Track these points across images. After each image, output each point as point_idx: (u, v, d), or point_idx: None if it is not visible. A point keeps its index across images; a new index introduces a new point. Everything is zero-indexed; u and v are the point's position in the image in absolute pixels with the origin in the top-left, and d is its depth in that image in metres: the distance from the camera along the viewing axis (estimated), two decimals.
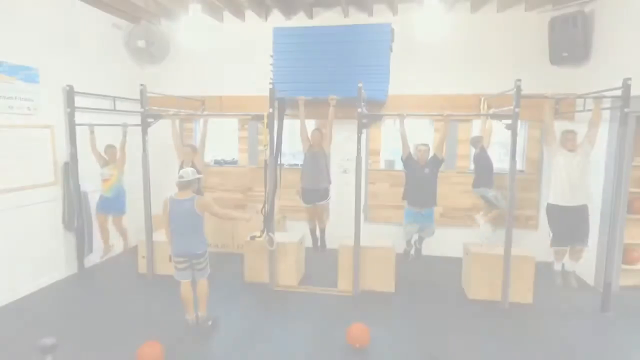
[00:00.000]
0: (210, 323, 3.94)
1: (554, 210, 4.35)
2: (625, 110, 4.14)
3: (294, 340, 3.87)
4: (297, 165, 6.52)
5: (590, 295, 4.80)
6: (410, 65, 6.02)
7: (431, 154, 4.75)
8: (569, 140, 4.20)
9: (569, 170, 4.20)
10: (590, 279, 5.21)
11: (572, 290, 4.74)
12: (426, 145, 4.76)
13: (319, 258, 5.59)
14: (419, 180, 4.70)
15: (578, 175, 4.18)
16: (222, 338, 3.85)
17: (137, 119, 5.17)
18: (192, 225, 3.81)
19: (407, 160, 4.75)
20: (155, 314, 4.31)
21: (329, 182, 5.13)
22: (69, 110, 5.18)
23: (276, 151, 4.86)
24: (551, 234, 4.44)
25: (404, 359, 3.51)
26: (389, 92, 5.75)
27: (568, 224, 4.33)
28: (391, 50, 5.73)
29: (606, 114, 4.88)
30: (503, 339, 3.87)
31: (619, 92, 4.19)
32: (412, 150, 4.82)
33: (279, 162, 4.92)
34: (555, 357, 3.58)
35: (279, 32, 5.81)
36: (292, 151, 6.67)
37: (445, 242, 6.12)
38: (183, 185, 3.80)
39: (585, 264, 5.27)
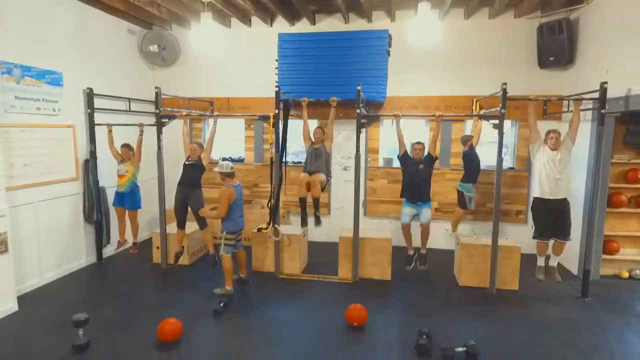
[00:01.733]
0: (222, 305, 4.33)
1: (538, 204, 4.69)
2: (602, 111, 4.52)
3: (297, 320, 4.26)
4: (299, 163, 6.92)
5: (573, 283, 5.17)
6: (407, 69, 6.40)
7: (426, 152, 5.12)
8: (552, 139, 4.56)
9: (552, 166, 4.56)
10: (574, 269, 5.58)
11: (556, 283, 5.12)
12: (421, 143, 5.13)
13: (322, 247, 5.98)
14: (415, 176, 5.07)
15: (560, 171, 4.53)
16: (232, 318, 4.24)
17: (150, 119, 5.55)
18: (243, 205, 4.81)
19: (404, 157, 5.13)
20: (171, 298, 4.71)
21: (328, 175, 5.43)
22: (89, 111, 5.59)
23: (281, 149, 5.24)
24: (534, 227, 4.79)
25: (397, 336, 3.89)
26: (387, 93, 6.14)
27: (550, 218, 4.64)
28: (389, 55, 6.12)
29: (589, 115, 5.26)
30: (489, 319, 4.25)
31: (597, 95, 4.57)
32: (408, 148, 5.19)
33: (283, 160, 5.30)
34: (535, 333, 3.96)
35: (283, 38, 6.20)
36: (295, 150, 7.04)
37: (439, 235, 6.52)
38: (233, 174, 4.68)
39: (570, 255, 5.66)
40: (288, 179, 6.27)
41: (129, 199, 5.70)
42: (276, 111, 5.17)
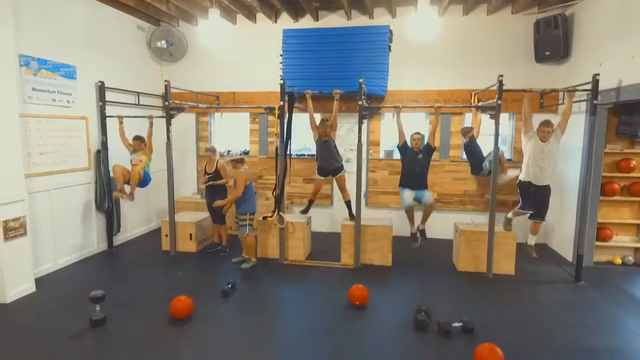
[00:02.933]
0: (230, 286, 4.53)
1: (523, 185, 5.00)
2: (595, 102, 4.72)
3: (302, 300, 4.47)
4: (303, 155, 7.13)
5: (568, 269, 5.36)
6: (407, 63, 6.60)
7: (424, 142, 5.32)
8: (543, 132, 4.76)
9: (541, 156, 4.77)
10: (569, 256, 5.76)
11: (551, 264, 5.32)
12: (420, 134, 5.34)
13: (324, 237, 6.19)
14: (413, 165, 5.29)
15: (546, 160, 4.78)
16: (239, 299, 4.45)
17: (158, 112, 5.76)
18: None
19: (403, 147, 5.34)
20: (180, 280, 4.92)
21: (341, 160, 5.76)
22: (100, 103, 5.80)
23: (286, 140, 5.45)
24: (521, 201, 5.07)
25: (397, 314, 4.09)
26: (388, 87, 6.34)
27: (533, 198, 5.00)
28: (390, 50, 6.33)
29: (583, 106, 5.45)
30: (485, 300, 4.45)
31: (589, 87, 4.77)
32: (407, 139, 5.39)
33: (288, 151, 5.52)
34: (528, 312, 4.15)
35: (288, 33, 6.42)
36: (299, 147, 7.23)
37: (438, 225, 6.70)
38: (242, 160, 5.24)
39: (565, 242, 5.86)
40: (292, 171, 6.47)
41: (141, 186, 5.91)
42: (281, 103, 5.37)
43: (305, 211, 6.03)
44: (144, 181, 5.86)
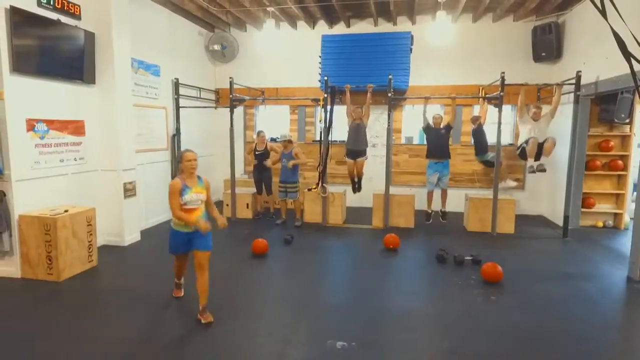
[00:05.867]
0: (290, 237, 5.82)
1: (521, 144, 6.20)
2: (577, 93, 5.95)
3: (346, 248, 5.76)
4: (335, 141, 8.39)
5: (559, 231, 6.57)
6: (425, 62, 7.85)
7: (445, 122, 6.61)
8: (534, 113, 6.02)
9: (533, 133, 6.01)
10: (559, 222, 6.97)
11: (544, 226, 6.55)
12: (440, 115, 6.74)
13: (355, 209, 7.47)
14: (436, 138, 6.60)
15: (539, 135, 6.01)
16: (298, 245, 5.73)
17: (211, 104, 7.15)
18: None
19: (427, 128, 6.64)
20: (245, 236, 6.22)
21: (366, 146, 6.92)
22: (175, 96, 7.13)
23: (329, 125, 6.73)
24: (525, 145, 6.17)
25: (422, 254, 5.36)
26: (409, 83, 7.59)
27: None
28: (411, 52, 7.58)
29: (571, 97, 6.66)
30: (490, 247, 5.69)
31: (574, 81, 6.00)
32: (430, 121, 6.69)
33: (330, 136, 6.80)
34: (524, 255, 5.40)
35: (326, 38, 7.71)
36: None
37: (451, 199, 7.92)
38: (291, 141, 6.81)
39: (556, 212, 7.07)
40: (331, 154, 7.74)
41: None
42: (325, 95, 6.66)
43: (357, 189, 7.05)
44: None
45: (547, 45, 7.19)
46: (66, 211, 4.39)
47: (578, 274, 4.68)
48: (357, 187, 6.98)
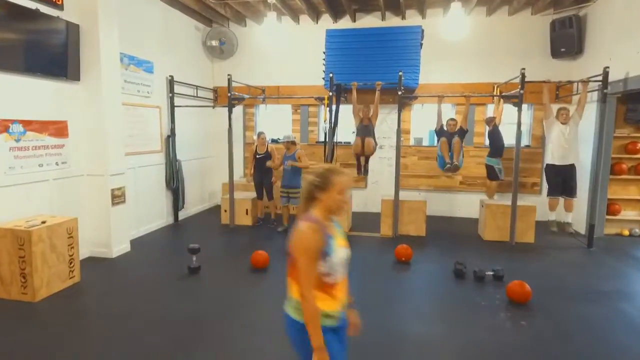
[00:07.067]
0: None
1: (550, 169, 5.71)
2: (605, 91, 5.47)
3: (354, 259, 5.26)
4: (340, 142, 7.93)
5: (582, 239, 6.10)
6: (436, 59, 7.37)
7: (458, 126, 6.13)
8: (562, 115, 5.54)
9: (562, 138, 5.54)
10: (582, 229, 6.51)
11: (567, 235, 6.09)
12: (454, 119, 6.19)
13: (361, 215, 7.01)
14: (449, 145, 6.09)
15: (568, 141, 5.53)
16: None
17: (209, 103, 6.65)
18: None
19: (440, 130, 6.16)
20: (244, 246, 5.76)
21: (376, 145, 6.43)
22: (170, 95, 6.67)
23: (334, 125, 6.27)
24: (548, 187, 5.80)
25: (436, 268, 4.89)
26: (419, 80, 7.11)
27: (560, 180, 5.69)
28: (421, 47, 7.10)
29: (595, 96, 6.19)
30: (510, 260, 5.22)
31: (600, 78, 5.52)
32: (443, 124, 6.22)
33: (335, 137, 6.33)
34: (548, 268, 4.92)
35: (330, 33, 7.23)
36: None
37: (463, 205, 7.49)
38: (295, 142, 6.32)
39: (579, 217, 6.59)
40: (336, 156, 7.28)
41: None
42: (330, 93, 6.19)
43: (362, 172, 6.59)
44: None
45: (567, 40, 6.71)
46: (44, 222, 3.93)
47: (614, 292, 4.20)
48: (362, 170, 6.48)
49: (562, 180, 5.69)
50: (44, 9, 4.33)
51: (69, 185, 4.75)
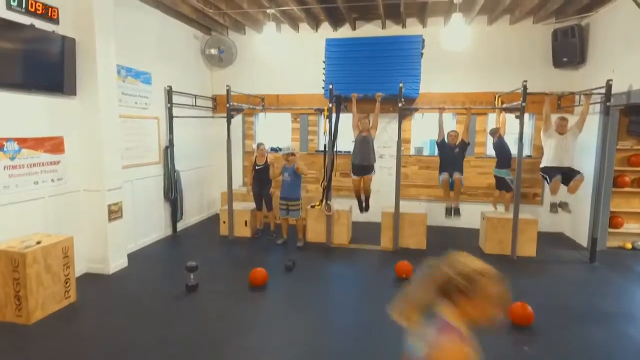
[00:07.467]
0: (291, 263, 5.29)
1: (545, 169, 5.61)
2: (608, 104, 5.41)
3: (354, 276, 5.22)
4: (340, 152, 7.85)
5: (584, 253, 6.04)
6: (437, 68, 7.30)
7: (459, 139, 6.05)
8: (561, 126, 5.47)
9: (559, 148, 5.47)
10: (584, 242, 6.45)
11: (569, 248, 6.02)
12: (455, 131, 6.12)
13: (362, 225, 6.95)
14: (451, 159, 6.06)
15: (566, 152, 5.46)
16: (300, 273, 5.21)
17: (208, 113, 6.58)
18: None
19: (441, 143, 6.09)
20: (242, 260, 5.70)
21: (375, 161, 6.37)
22: (169, 105, 6.60)
23: (333, 137, 6.20)
24: (547, 179, 5.59)
25: None
26: (420, 90, 7.04)
27: (558, 171, 5.52)
28: (422, 56, 7.03)
29: (597, 107, 6.13)
30: (511, 275, 5.10)
31: (603, 90, 5.45)
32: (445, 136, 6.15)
33: (335, 148, 6.27)
34: (550, 284, 4.86)
35: (330, 42, 7.16)
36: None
37: (465, 215, 7.40)
38: (294, 154, 6.21)
39: (580, 230, 6.54)
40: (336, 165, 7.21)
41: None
42: (330, 105, 6.12)
43: (364, 209, 6.57)
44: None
45: (570, 49, 6.64)
46: (38, 242, 3.87)
47: (619, 314, 4.13)
48: (364, 207, 6.46)
49: (561, 173, 5.50)
50: (39, 24, 4.26)
51: (65, 202, 4.68)
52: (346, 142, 7.43)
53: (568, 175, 5.53)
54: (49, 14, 4.37)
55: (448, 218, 6.35)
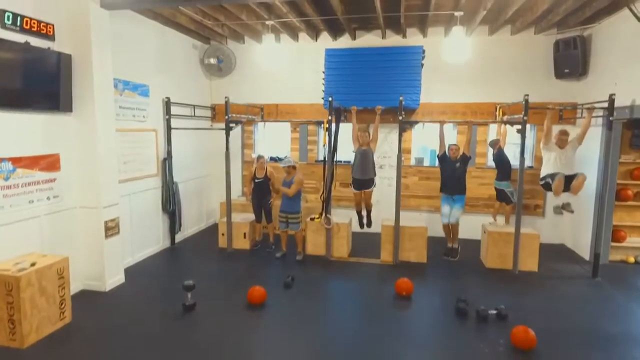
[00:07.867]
0: (290, 279, 5.23)
1: (547, 175, 5.51)
2: (610, 118, 5.34)
3: (354, 292, 5.16)
4: (340, 162, 7.80)
5: (586, 267, 5.97)
6: (438, 79, 7.24)
7: (460, 152, 5.99)
8: (561, 140, 5.41)
9: (559, 161, 5.40)
10: (586, 256, 6.38)
11: (571, 262, 5.95)
12: (456, 145, 6.05)
13: (361, 237, 6.90)
14: (452, 173, 5.99)
15: (565, 164, 5.39)
16: (300, 290, 5.14)
17: (207, 123, 6.52)
18: None
19: (442, 157, 6.03)
20: (241, 276, 5.63)
21: (375, 174, 6.30)
22: (167, 117, 6.55)
23: (333, 150, 6.14)
24: (550, 179, 5.45)
25: (439, 303, 4.77)
26: (420, 100, 6.98)
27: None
28: (422, 67, 6.98)
29: (599, 120, 6.06)
30: (513, 292, 5.10)
31: (606, 104, 5.39)
32: (446, 149, 6.09)
33: (334, 159, 6.21)
34: (552, 302, 4.80)
35: (330, 52, 7.11)
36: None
37: (466, 226, 7.33)
38: (294, 167, 6.18)
39: (582, 243, 6.47)
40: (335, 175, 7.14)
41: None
42: (329, 117, 6.06)
43: (365, 225, 6.48)
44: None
45: (571, 60, 6.57)
46: (33, 264, 3.81)
47: (625, 335, 4.07)
48: (366, 223, 6.39)
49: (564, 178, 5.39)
50: (35, 41, 4.21)
51: (60, 220, 4.63)
52: (346, 151, 7.40)
53: (569, 180, 5.42)
54: (45, 31, 4.32)
55: (446, 259, 6.29)
